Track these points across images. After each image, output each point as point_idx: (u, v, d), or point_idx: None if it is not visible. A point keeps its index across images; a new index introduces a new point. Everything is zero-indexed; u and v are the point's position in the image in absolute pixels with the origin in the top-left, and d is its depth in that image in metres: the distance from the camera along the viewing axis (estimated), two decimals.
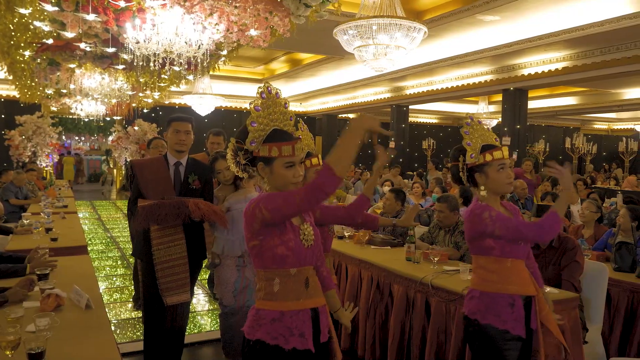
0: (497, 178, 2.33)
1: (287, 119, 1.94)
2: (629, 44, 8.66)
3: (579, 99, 16.55)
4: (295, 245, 1.85)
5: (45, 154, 13.00)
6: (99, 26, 4.40)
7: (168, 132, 3.34)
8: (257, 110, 1.89)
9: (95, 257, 7.43)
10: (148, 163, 3.42)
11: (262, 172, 1.89)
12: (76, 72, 7.04)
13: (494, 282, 2.30)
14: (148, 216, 3.03)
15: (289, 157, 1.85)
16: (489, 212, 2.27)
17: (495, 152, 2.34)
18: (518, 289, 2.29)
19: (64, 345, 2.05)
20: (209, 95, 14.12)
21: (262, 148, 1.87)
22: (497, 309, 2.28)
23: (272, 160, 1.86)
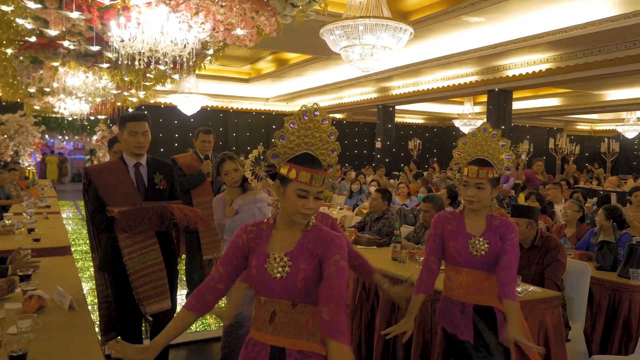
0: (462, 193, 2.46)
1: (327, 148, 1.77)
2: (611, 46, 8.80)
3: (562, 100, 16.77)
4: (258, 273, 1.74)
5: (27, 154, 12.82)
6: (83, 24, 4.35)
7: (123, 134, 3.08)
8: (291, 126, 1.74)
9: (79, 257, 7.35)
10: (106, 168, 3.20)
11: (276, 190, 1.79)
12: (60, 70, 6.94)
13: (449, 289, 2.48)
14: (130, 222, 2.87)
15: (304, 184, 1.70)
16: (431, 229, 2.54)
17: (465, 168, 2.44)
18: (469, 297, 2.40)
19: (46, 347, 2.03)
20: (195, 94, 14.03)
21: (284, 166, 1.73)
22: (450, 313, 2.46)
23: (287, 182, 1.73)
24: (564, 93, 15.62)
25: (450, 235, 2.46)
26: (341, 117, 21.32)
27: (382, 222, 4.90)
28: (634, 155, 21.94)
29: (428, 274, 2.49)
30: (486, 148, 2.44)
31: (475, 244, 2.40)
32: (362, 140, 21.74)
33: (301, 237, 1.79)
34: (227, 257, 1.81)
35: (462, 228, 2.45)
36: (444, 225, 2.50)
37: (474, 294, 2.40)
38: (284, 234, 1.80)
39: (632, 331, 3.54)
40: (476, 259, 2.38)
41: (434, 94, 13.28)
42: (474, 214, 2.46)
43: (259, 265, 1.75)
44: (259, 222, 1.86)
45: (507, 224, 2.44)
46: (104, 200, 2.98)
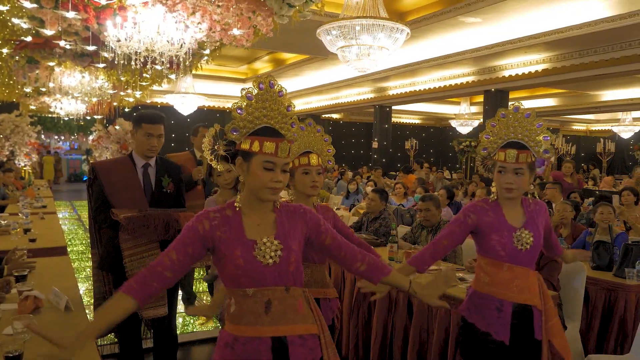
0: (497, 180, 2.24)
1: (286, 122, 1.69)
2: (607, 47, 8.83)
3: (558, 101, 16.82)
4: (245, 263, 1.61)
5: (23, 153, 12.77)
6: (79, 24, 4.34)
7: (137, 134, 2.98)
8: (248, 98, 1.65)
9: (75, 258, 7.33)
10: (113, 165, 3.08)
11: (239, 169, 1.66)
12: (56, 70, 6.93)
13: (485, 284, 2.26)
14: (134, 228, 2.78)
15: (270, 155, 1.61)
16: (460, 215, 2.31)
17: (500, 152, 2.23)
18: (509, 295, 2.21)
19: (42, 347, 2.02)
20: (191, 94, 14.02)
21: (245, 141, 1.63)
22: (484, 310, 2.24)
23: (251, 156, 1.62)
24: (560, 93, 15.67)
25: (491, 228, 2.24)
26: (338, 117, 21.33)
27: (378, 223, 4.90)
28: (629, 156, 22.00)
29: (431, 253, 2.31)
30: (520, 130, 2.24)
31: (521, 237, 2.22)
32: (359, 141, 21.75)
33: (276, 217, 1.70)
34: (182, 244, 1.62)
35: (502, 220, 2.25)
36: (480, 216, 2.26)
37: (515, 291, 2.21)
38: (254, 217, 1.68)
39: (627, 330, 3.55)
40: (520, 253, 2.21)
41: (430, 94, 13.30)
42: (511, 203, 2.27)
43: (245, 254, 1.61)
44: (220, 208, 1.70)
45: (541, 204, 2.33)
46: (109, 200, 2.89)
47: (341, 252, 1.77)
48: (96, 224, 3.16)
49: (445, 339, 3.09)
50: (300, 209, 1.75)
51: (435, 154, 23.72)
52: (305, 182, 2.43)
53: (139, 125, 2.97)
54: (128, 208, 2.86)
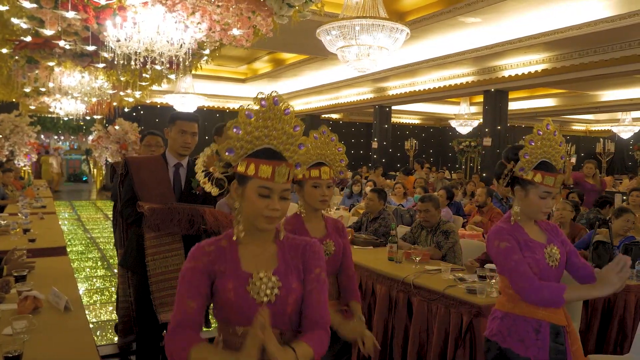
0: (536, 204, 2.12)
1: (292, 143, 1.52)
2: (606, 47, 8.83)
3: (558, 101, 16.82)
4: (236, 298, 1.43)
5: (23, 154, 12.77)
6: (79, 24, 4.34)
7: (172, 131, 3.00)
8: (248, 116, 1.47)
9: (75, 258, 7.33)
10: (145, 162, 3.07)
11: (234, 193, 1.51)
12: (55, 70, 6.92)
13: (520, 305, 2.11)
14: (158, 220, 2.75)
15: (265, 180, 1.44)
16: (499, 242, 2.11)
17: (548, 176, 2.10)
18: (547, 314, 2.09)
19: (42, 348, 2.02)
20: (191, 94, 14.02)
21: (241, 163, 1.48)
22: (521, 333, 2.10)
23: (246, 180, 1.47)
24: (559, 93, 15.67)
25: (525, 246, 2.11)
26: (338, 117, 21.33)
27: (378, 223, 4.90)
28: (629, 156, 22.03)
29: (545, 283, 2.06)
30: (550, 149, 2.15)
31: (551, 252, 2.12)
32: (359, 141, 21.75)
33: (278, 250, 1.54)
34: (192, 288, 1.45)
35: (529, 239, 2.14)
36: (514, 237, 2.12)
37: (550, 311, 2.09)
38: (253, 248, 1.52)
39: (627, 330, 3.55)
40: (550, 270, 2.11)
41: (430, 94, 13.29)
42: (529, 222, 2.19)
43: (237, 288, 1.44)
44: (215, 240, 1.54)
45: (552, 225, 2.25)
46: (138, 194, 2.88)
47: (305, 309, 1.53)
48: (123, 221, 3.16)
49: (444, 339, 3.09)
50: (308, 245, 1.57)
51: (435, 154, 23.71)
52: (315, 196, 2.37)
53: (173, 123, 3.00)
54: (155, 203, 2.84)
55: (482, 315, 2.88)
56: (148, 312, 2.87)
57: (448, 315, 3.08)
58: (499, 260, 2.12)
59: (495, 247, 2.12)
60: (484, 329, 2.84)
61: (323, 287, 1.54)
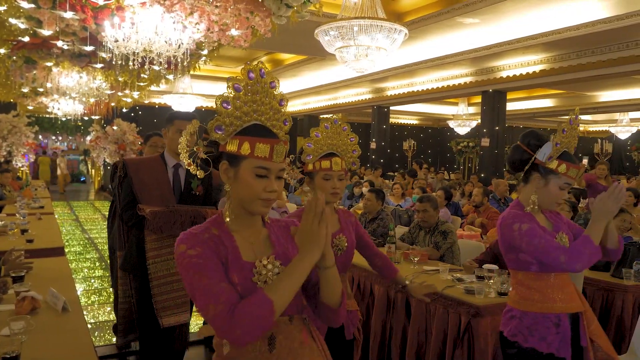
0: (554, 194, 2.08)
1: (278, 119, 1.42)
2: (604, 48, 8.85)
3: (556, 101, 16.85)
4: (244, 292, 1.30)
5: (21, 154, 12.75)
6: (77, 24, 4.34)
7: (170, 131, 2.93)
8: (236, 89, 1.37)
9: (73, 258, 7.32)
10: (144, 163, 3.01)
11: (224, 175, 1.38)
12: (53, 70, 6.92)
13: (536, 301, 2.07)
14: (160, 223, 2.70)
15: (263, 160, 1.33)
16: (519, 224, 2.05)
17: (572, 168, 2.06)
18: (564, 306, 2.06)
19: (39, 349, 2.02)
20: (189, 95, 14.02)
21: (231, 141, 1.35)
22: (542, 330, 2.04)
23: (239, 160, 1.35)
24: (557, 94, 15.70)
25: None
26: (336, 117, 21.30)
27: (376, 223, 4.90)
28: (626, 156, 22.07)
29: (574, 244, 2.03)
30: (572, 141, 2.12)
31: (561, 238, 2.08)
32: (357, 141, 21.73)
33: (270, 233, 1.45)
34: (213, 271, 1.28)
35: (541, 226, 2.09)
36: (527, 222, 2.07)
37: (567, 300, 2.06)
38: (246, 234, 1.41)
39: (625, 331, 3.56)
40: None
41: (428, 94, 13.31)
42: (537, 212, 2.14)
43: (243, 282, 1.32)
44: (203, 228, 1.37)
45: (555, 213, 2.22)
46: (138, 197, 2.82)
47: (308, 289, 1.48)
48: (123, 224, 3.11)
49: (443, 339, 3.09)
50: (293, 223, 1.53)
51: (433, 154, 23.73)
52: (326, 188, 2.25)
53: (171, 122, 2.93)
54: (156, 205, 2.79)
55: (480, 315, 2.88)
56: (150, 316, 2.81)
57: (446, 316, 3.08)
58: (524, 243, 2.02)
59: (517, 231, 2.04)
60: (482, 329, 2.86)
61: None
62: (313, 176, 2.29)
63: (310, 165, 2.27)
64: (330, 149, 2.29)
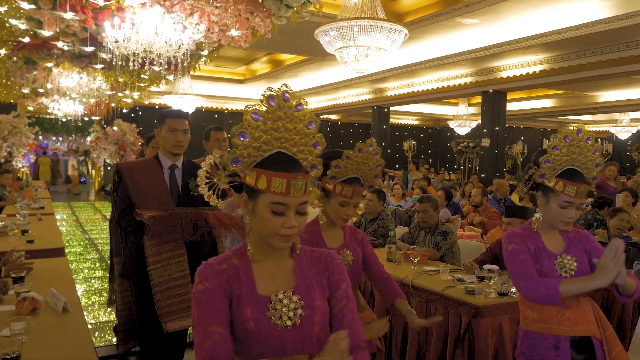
0: (556, 212, 2.03)
1: (306, 143, 1.33)
2: (604, 48, 8.85)
3: (556, 102, 16.84)
4: (256, 327, 1.26)
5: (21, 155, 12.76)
6: (77, 25, 4.34)
7: (162, 130, 2.84)
8: (254, 118, 1.28)
9: (73, 259, 7.32)
10: (138, 166, 2.90)
11: (244, 207, 1.33)
12: (53, 71, 6.92)
13: (534, 320, 2.04)
14: (160, 228, 2.59)
15: (280, 195, 1.25)
16: (507, 244, 2.06)
17: (569, 185, 1.99)
18: (566, 328, 1.98)
19: (40, 349, 2.02)
20: (189, 95, 14.03)
21: (250, 173, 1.28)
22: (541, 352, 2.00)
23: (257, 195, 1.27)
24: (557, 94, 15.70)
25: (533, 257, 2.04)
26: (336, 118, 21.33)
27: (377, 223, 4.90)
28: (627, 157, 22.06)
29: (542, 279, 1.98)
30: (581, 157, 2.03)
31: (563, 263, 2.03)
32: (357, 141, 21.64)
33: (295, 265, 1.36)
34: (213, 311, 1.26)
35: (542, 247, 2.06)
36: (524, 242, 2.06)
37: (569, 324, 1.99)
38: (269, 266, 1.35)
39: (625, 331, 3.55)
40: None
41: (428, 95, 13.31)
42: (551, 230, 2.10)
43: (257, 316, 1.26)
44: (225, 257, 1.35)
45: (584, 234, 2.14)
46: (134, 201, 2.73)
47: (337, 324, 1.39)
48: (120, 228, 3.00)
49: (443, 340, 3.09)
50: (329, 258, 1.41)
51: (434, 155, 23.73)
52: (339, 213, 2.21)
53: (162, 122, 2.85)
54: (153, 209, 2.70)
55: (480, 315, 2.88)
56: (151, 322, 2.74)
57: (447, 316, 3.08)
58: (507, 264, 2.06)
59: (504, 251, 2.08)
60: (482, 330, 2.86)
61: (353, 304, 1.40)
62: (329, 196, 2.22)
63: (330, 185, 2.19)
64: (355, 173, 2.20)
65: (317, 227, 2.32)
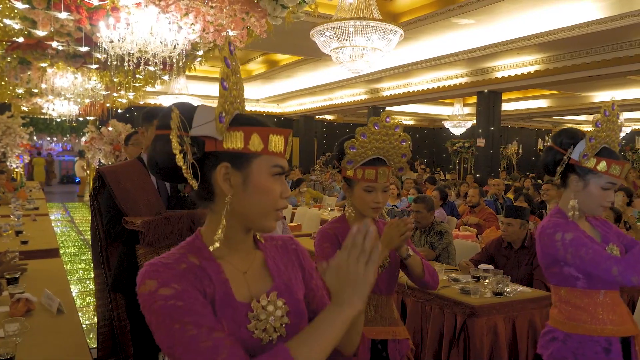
0: (597, 195, 1.83)
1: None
2: (598, 48, 8.90)
3: (551, 102, 16.92)
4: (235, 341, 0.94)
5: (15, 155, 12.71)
6: (72, 25, 4.33)
7: (148, 131, 2.61)
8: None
9: (68, 260, 7.29)
10: (123, 170, 2.69)
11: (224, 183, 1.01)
12: (48, 71, 6.90)
13: (584, 322, 1.82)
14: (156, 234, 2.38)
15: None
16: (562, 233, 1.82)
17: (614, 165, 1.82)
18: (615, 328, 1.81)
19: (34, 351, 2.01)
20: (185, 95, 13.99)
21: (230, 135, 1.02)
22: (589, 356, 1.79)
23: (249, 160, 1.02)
24: (552, 94, 15.76)
25: None
26: (332, 118, 21.34)
27: None
28: (621, 156, 22.18)
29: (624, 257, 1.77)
30: (612, 134, 1.86)
31: (612, 250, 1.83)
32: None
33: (266, 258, 1.10)
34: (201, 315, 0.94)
35: (588, 235, 1.85)
36: (571, 231, 1.82)
37: (619, 322, 1.81)
38: (236, 261, 1.06)
39: None
40: None
41: (424, 95, 13.34)
42: (580, 219, 1.91)
43: (236, 330, 0.98)
44: (176, 256, 1.01)
45: (603, 220, 1.98)
46: (122, 208, 2.53)
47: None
48: (110, 240, 2.82)
49: (439, 340, 3.10)
50: (291, 242, 1.20)
51: (429, 155, 23.77)
52: (366, 202, 1.93)
53: (149, 122, 2.63)
54: (144, 214, 2.50)
55: (476, 315, 2.89)
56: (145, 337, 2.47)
57: (442, 316, 3.08)
58: (569, 254, 1.79)
59: (560, 241, 1.81)
60: (478, 329, 2.87)
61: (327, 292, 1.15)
62: (352, 185, 1.96)
63: (350, 171, 1.94)
64: (376, 153, 1.95)
65: (345, 222, 2.03)
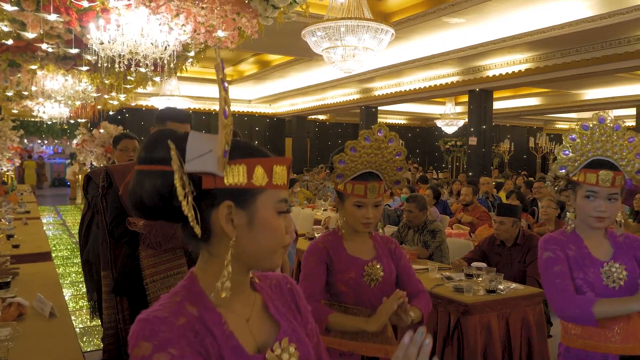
0: (582, 206, 1.81)
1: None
2: (588, 47, 8.96)
3: (542, 100, 17.02)
4: None
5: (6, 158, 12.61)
6: (61, 27, 4.30)
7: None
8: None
9: (60, 263, 7.24)
10: (129, 169, 2.58)
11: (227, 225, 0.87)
12: (38, 73, 6.85)
13: (578, 337, 1.80)
14: (159, 237, 2.32)
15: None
16: (542, 251, 1.85)
17: (588, 173, 1.78)
18: (615, 346, 1.75)
19: (27, 355, 1.99)
20: (176, 97, 13.95)
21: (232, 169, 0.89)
22: None
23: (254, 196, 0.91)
24: (543, 93, 15.86)
25: (575, 264, 1.80)
26: (324, 118, 21.35)
27: None
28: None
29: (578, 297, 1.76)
30: (609, 146, 1.80)
31: (610, 272, 1.78)
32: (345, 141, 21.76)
33: (265, 300, 1.01)
34: None
35: (585, 253, 1.82)
36: (563, 249, 1.83)
37: (618, 340, 1.75)
38: (237, 307, 0.95)
39: None
40: (613, 292, 1.76)
41: (415, 94, 13.38)
42: (594, 233, 1.85)
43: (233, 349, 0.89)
44: (174, 308, 0.88)
45: (635, 238, 1.88)
46: (127, 208, 2.41)
47: None
48: (113, 240, 2.79)
49: (433, 338, 3.10)
50: (285, 281, 1.10)
51: (422, 153, 23.85)
52: (356, 217, 1.92)
53: (162, 123, 2.59)
54: None
55: (469, 313, 2.90)
56: None
57: (435, 314, 3.09)
58: (541, 273, 1.86)
59: (539, 258, 1.86)
60: (471, 327, 2.88)
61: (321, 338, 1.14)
62: (343, 199, 1.96)
63: (341, 185, 1.93)
64: (368, 167, 1.91)
65: (337, 236, 2.03)
